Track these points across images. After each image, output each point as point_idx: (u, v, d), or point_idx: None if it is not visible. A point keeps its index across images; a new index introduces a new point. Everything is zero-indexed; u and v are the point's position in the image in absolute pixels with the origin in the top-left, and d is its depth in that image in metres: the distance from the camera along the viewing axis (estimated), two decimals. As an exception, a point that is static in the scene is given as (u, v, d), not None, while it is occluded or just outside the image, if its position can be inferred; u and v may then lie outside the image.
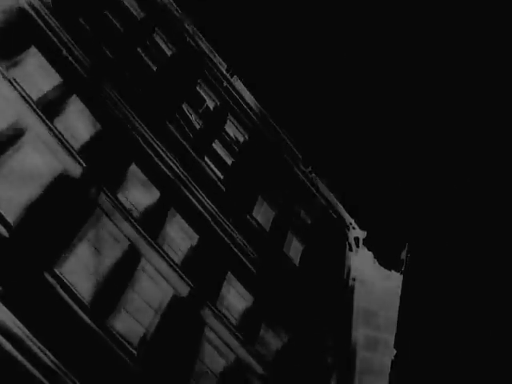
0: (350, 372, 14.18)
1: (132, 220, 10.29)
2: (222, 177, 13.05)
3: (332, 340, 13.67)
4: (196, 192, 11.67)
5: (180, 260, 11.17)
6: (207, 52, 13.79)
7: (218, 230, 11.92)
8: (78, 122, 10.46)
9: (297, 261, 14.26)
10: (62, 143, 9.81)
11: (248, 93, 14.33)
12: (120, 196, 10.51)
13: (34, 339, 8.08)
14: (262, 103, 14.49)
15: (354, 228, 16.19)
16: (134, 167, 11.03)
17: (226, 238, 11.97)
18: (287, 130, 14.82)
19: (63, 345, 8.61)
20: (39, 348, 8.15)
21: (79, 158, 9.89)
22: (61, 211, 9.42)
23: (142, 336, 9.82)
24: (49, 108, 10.07)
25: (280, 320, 12.78)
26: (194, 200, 11.62)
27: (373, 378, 14.69)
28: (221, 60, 13.92)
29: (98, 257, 9.71)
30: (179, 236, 11.22)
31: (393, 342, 15.36)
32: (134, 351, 9.48)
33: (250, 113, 14.51)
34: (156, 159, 11.32)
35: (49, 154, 9.72)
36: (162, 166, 11.31)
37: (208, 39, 13.59)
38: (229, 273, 11.99)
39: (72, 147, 9.89)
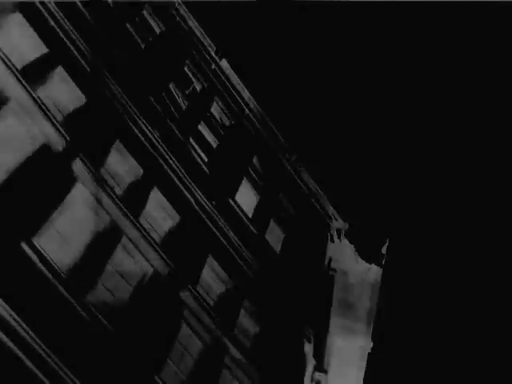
0: (327, 360, 14.25)
1: (113, 196, 10.19)
2: (206, 159, 12.99)
3: (309, 328, 13.69)
4: (179, 172, 11.60)
5: (160, 239, 11.10)
6: (197, 32, 13.72)
7: (200, 212, 11.87)
8: (63, 94, 10.33)
9: (278, 248, 14.27)
10: (46, 114, 9.68)
11: (236, 77, 14.28)
12: (102, 171, 10.41)
13: (8, 308, 7.97)
14: (250, 88, 14.47)
15: (336, 219, 16.24)
16: (118, 144, 10.93)
17: (207, 221, 11.93)
18: (274, 117, 14.82)
19: (38, 317, 8.51)
20: (13, 318, 8.04)
21: (62, 130, 9.77)
22: (41, 182, 9.30)
23: (118, 312, 9.74)
24: (33, 77, 9.92)
25: (259, 306, 12.78)
26: (176, 180, 11.56)
27: (349, 367, 14.80)
28: (210, 42, 13.85)
29: (77, 230, 9.60)
30: (161, 215, 11.16)
31: (370, 334, 15.48)
32: (111, 327, 9.40)
33: (237, 97, 14.47)
34: (141, 137, 11.23)
35: (31, 123, 9.59)
36: (147, 144, 11.23)
37: (198, 19, 13.52)
38: (210, 256, 11.94)
39: (55, 118, 9.76)
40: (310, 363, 13.57)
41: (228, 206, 12.72)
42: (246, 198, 13.90)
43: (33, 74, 9.93)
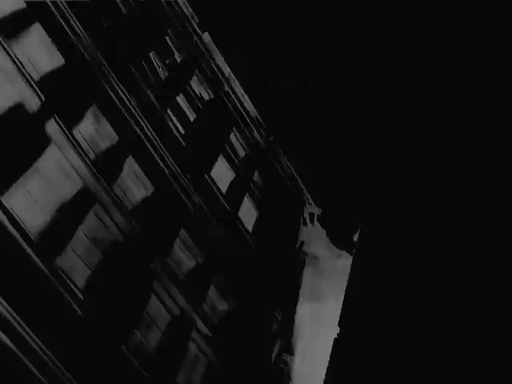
0: (294, 343, 14.30)
1: (87, 160, 10.00)
2: (183, 132, 12.85)
3: (278, 309, 13.73)
4: (155, 143, 11.45)
5: (133, 208, 10.94)
6: (179, 2, 13.52)
7: (175, 185, 11.74)
8: (40, 53, 10.06)
9: (250, 227, 14.24)
10: (22, 72, 9.41)
11: (217, 52, 14.15)
12: (76, 134, 10.18)
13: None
14: (231, 65, 14.34)
15: (310, 203, 16.29)
16: (94, 108, 10.71)
17: (181, 194, 11.80)
18: (253, 96, 14.73)
19: (4, 278, 8.30)
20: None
21: (38, 89, 9.51)
22: (13, 141, 9.05)
23: (88, 279, 9.58)
24: (9, 34, 9.63)
25: (229, 284, 12.74)
26: (152, 150, 11.40)
27: (315, 351, 14.89)
28: (193, 14, 13.68)
29: (48, 193, 9.39)
30: (134, 184, 11.00)
31: (337, 319, 15.61)
32: (80, 295, 9.25)
33: (217, 72, 14.34)
34: (118, 103, 11.03)
35: (6, 82, 9.31)
36: (124, 111, 11.03)
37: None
38: (182, 229, 11.84)
39: (31, 77, 9.50)
40: (277, 344, 13.61)
41: (203, 181, 12.61)
42: (222, 174, 13.81)
43: (8, 30, 9.63)
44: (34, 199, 9.16)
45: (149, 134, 11.30)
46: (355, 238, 17.21)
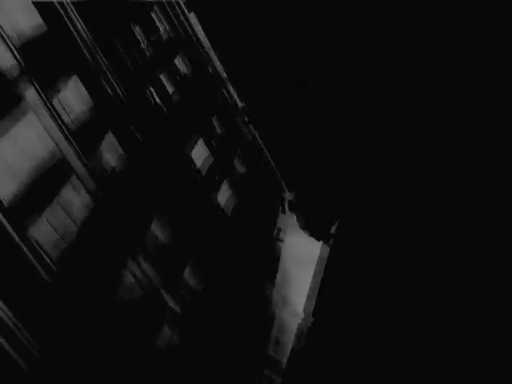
0: (267, 329, 14.33)
1: (66, 130, 9.87)
2: (164, 110, 12.75)
3: (251, 294, 13.73)
4: (135, 117, 11.34)
5: (111, 182, 10.83)
6: (167, -21, 13.41)
7: (154, 162, 11.64)
8: (22, 19, 9.89)
9: (229, 212, 14.20)
10: (2, 37, 9.25)
11: (203, 33, 14.08)
12: (55, 103, 10.04)
13: None
14: (216, 48, 14.28)
15: (289, 191, 16.32)
16: (75, 79, 10.57)
17: (160, 173, 11.72)
18: (237, 81, 14.69)
19: (-25, 244, 8.18)
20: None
21: (18, 55, 9.36)
22: (-9, 106, 8.90)
23: (62, 251, 9.47)
24: (-9, -3, 9.45)
25: (204, 266, 12.70)
26: (131, 126, 11.29)
27: (286, 337, 14.93)
28: (180, -8, 13.58)
29: (25, 161, 9.25)
30: (112, 157, 10.88)
31: (311, 309, 15.65)
32: (53, 266, 9.14)
33: (202, 54, 14.25)
34: (100, 77, 10.89)
35: (-15, 45, 9.14)
36: (105, 84, 10.90)
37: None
38: (159, 209, 11.76)
39: (12, 42, 9.34)
40: (250, 328, 13.61)
41: (182, 161, 12.53)
42: (201, 157, 13.75)
43: (-9, -8, 9.46)
44: (9, 166, 9.01)
45: (129, 107, 11.19)
46: (333, 229, 17.28)
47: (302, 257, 15.78)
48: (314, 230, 16.22)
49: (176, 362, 11.36)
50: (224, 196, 14.18)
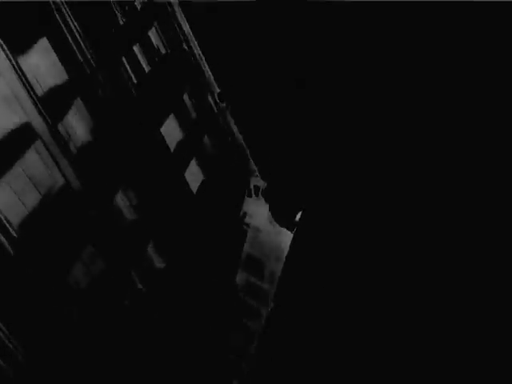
0: (232, 313, 14.31)
1: (33, 94, 9.61)
2: (135, 82, 12.54)
3: (216, 278, 13.69)
4: (106, 89, 11.12)
5: (77, 152, 10.61)
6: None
7: (123, 135, 11.46)
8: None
9: (195, 189, 14.10)
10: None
11: (178, 6, 13.89)
12: (24, 66, 9.76)
13: None
14: (192, 24, 14.11)
15: (256, 176, 16.30)
16: (45, 42, 10.29)
17: (128, 146, 11.55)
18: (211, 61, 14.55)
19: None
20: None
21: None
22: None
23: (23, 218, 9.23)
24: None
25: (168, 242, 12.59)
26: (102, 95, 11.07)
27: (251, 322, 14.96)
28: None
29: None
30: (81, 128, 10.66)
31: (272, 294, 15.70)
32: (14, 233, 8.90)
33: (177, 28, 14.07)
34: (72, 44, 10.64)
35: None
36: (76, 51, 10.65)
37: None
38: (125, 182, 11.58)
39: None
40: (213, 308, 13.57)
41: (151, 136, 12.37)
42: (171, 133, 13.60)
43: None
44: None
45: (101, 79, 10.97)
46: (298, 216, 17.36)
47: (265, 241, 15.80)
48: (279, 216, 16.25)
49: (139, 340, 11.24)
50: (191, 174, 14.07)
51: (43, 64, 10.34)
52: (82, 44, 10.94)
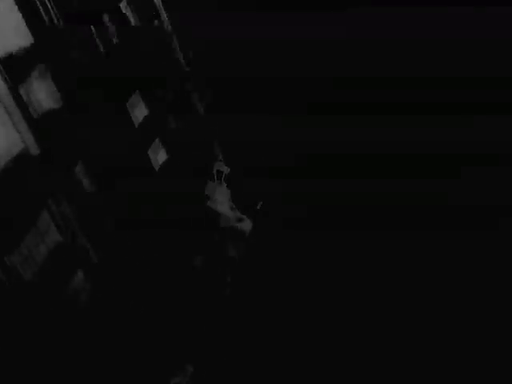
0: (193, 297, 14.27)
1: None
2: (103, 51, 12.27)
3: (174, 259, 13.65)
4: (72, 55, 10.86)
5: (39, 118, 10.31)
6: None
7: (86, 106, 11.22)
8: None
9: (157, 167, 13.97)
10: None
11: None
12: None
13: None
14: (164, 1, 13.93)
15: (220, 161, 16.35)
16: (10, 2, 9.92)
17: (91, 114, 11.32)
18: (182, 38, 14.38)
19: None
20: None
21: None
22: None
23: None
24: None
25: (128, 218, 12.46)
26: (67, 62, 10.79)
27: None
28: None
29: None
30: (43, 93, 10.36)
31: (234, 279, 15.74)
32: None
33: (150, 5, 13.87)
34: (38, 4, 10.32)
35: None
36: (42, 11, 10.34)
37: None
38: (87, 154, 11.35)
39: None
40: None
41: (115, 107, 12.17)
42: (137, 107, 13.41)
43: None
44: None
45: (66, 43, 10.68)
46: (258, 206, 17.50)
47: (224, 228, 15.84)
48: (240, 203, 16.30)
49: (91, 311, 11.04)
50: (154, 151, 13.95)
51: (6, 24, 10.01)
52: (49, 5, 10.65)
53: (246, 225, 16.10)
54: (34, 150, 10.05)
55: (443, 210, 19.10)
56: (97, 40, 11.75)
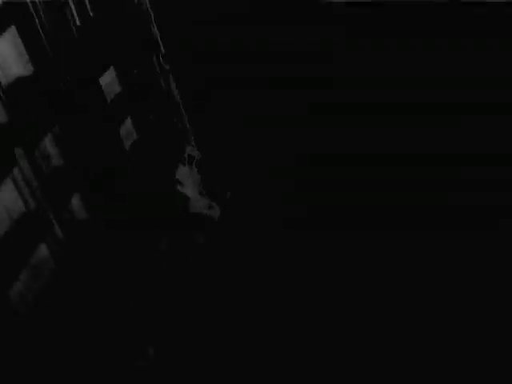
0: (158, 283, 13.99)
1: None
2: (79, 23, 12.12)
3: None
4: (47, 24, 10.70)
5: (7, 85, 10.11)
6: None
7: (57, 77, 11.05)
8: None
9: (127, 147, 13.73)
10: None
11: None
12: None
13: None
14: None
15: (192, 145, 16.24)
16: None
17: (63, 88, 11.15)
18: (159, 13, 14.23)
19: None
20: None
21: None
22: None
23: None
24: None
25: (93, 195, 12.18)
26: (41, 31, 10.62)
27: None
28: None
29: None
30: (11, 56, 10.17)
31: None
32: None
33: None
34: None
35: None
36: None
37: None
38: (57, 124, 11.13)
39: None
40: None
41: (88, 82, 11.99)
42: (110, 85, 13.19)
43: None
44: None
45: (41, 11, 10.52)
46: (228, 195, 17.33)
47: (193, 213, 15.70)
48: (209, 189, 16.14)
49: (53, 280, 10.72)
50: (126, 130, 13.73)
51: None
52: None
53: (215, 212, 16.00)
54: (3, 119, 9.84)
55: (443, 209, 18.71)
56: (73, 11, 11.61)
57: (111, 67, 12.84)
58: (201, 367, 13.34)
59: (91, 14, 12.48)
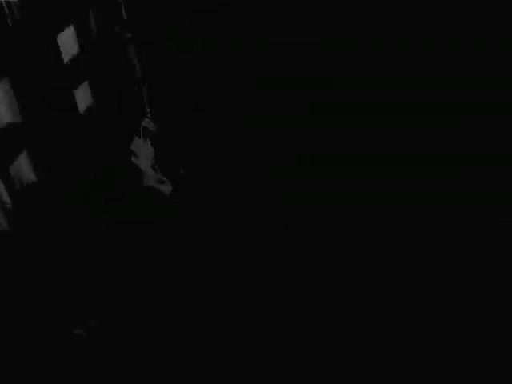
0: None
1: None
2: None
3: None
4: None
5: None
6: None
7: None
8: None
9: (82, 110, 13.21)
10: None
11: None
12: None
13: None
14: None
15: (148, 118, 16.03)
16: None
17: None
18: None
19: None
20: None
21: None
22: None
23: None
24: None
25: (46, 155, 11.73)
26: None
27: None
28: None
29: None
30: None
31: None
32: None
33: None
34: None
35: None
36: None
37: None
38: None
39: None
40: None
41: (45, 40, 11.39)
42: (68, 46, 12.70)
43: None
44: None
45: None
46: (181, 171, 17.09)
47: (146, 186, 15.55)
48: (163, 164, 15.94)
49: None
50: (82, 97, 13.29)
51: None
52: None
53: (166, 187, 15.80)
54: None
55: (443, 209, 18.58)
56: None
57: (71, 27, 12.44)
58: (200, 367, 13.25)
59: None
